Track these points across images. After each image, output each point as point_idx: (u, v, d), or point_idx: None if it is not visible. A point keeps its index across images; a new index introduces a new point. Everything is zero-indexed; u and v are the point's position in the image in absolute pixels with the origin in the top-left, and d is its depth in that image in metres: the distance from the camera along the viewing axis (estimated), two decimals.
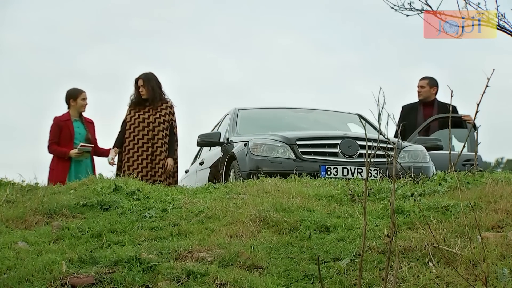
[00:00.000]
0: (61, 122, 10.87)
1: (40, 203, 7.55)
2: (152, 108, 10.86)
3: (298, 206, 7.34)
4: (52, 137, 10.83)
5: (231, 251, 6.30)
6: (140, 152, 10.70)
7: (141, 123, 10.79)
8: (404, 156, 10.24)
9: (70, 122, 10.89)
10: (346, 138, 10.20)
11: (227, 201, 7.61)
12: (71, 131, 10.82)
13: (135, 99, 10.99)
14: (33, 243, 6.67)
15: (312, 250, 6.41)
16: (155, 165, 10.70)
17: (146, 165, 10.67)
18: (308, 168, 9.84)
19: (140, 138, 10.75)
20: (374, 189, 7.95)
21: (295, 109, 12.37)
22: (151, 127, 10.77)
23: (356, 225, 6.82)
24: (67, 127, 10.84)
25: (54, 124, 10.88)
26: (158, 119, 10.82)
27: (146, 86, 10.89)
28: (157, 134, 10.77)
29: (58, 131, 10.83)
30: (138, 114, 10.86)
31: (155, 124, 10.78)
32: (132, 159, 10.68)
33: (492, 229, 6.64)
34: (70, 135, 10.80)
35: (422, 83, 11.65)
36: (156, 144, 10.73)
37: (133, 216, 7.34)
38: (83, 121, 11.00)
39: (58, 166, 10.73)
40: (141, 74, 10.97)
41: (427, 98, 11.61)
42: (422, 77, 11.74)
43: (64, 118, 10.90)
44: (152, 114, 10.84)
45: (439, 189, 7.87)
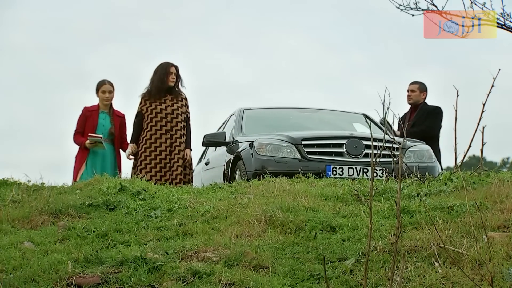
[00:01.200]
0: (88, 112, 10.87)
1: (46, 203, 7.56)
2: (169, 99, 10.72)
3: (304, 206, 7.34)
4: (77, 127, 10.85)
5: (237, 251, 6.30)
6: (158, 143, 10.59)
7: (159, 114, 10.67)
8: (410, 156, 10.23)
9: (96, 113, 10.85)
10: (351, 138, 10.20)
11: (233, 201, 7.61)
12: (94, 122, 10.79)
13: (157, 87, 10.74)
14: (39, 243, 6.68)
15: (317, 250, 6.41)
16: (175, 155, 10.56)
17: (165, 156, 10.56)
18: (314, 168, 9.84)
19: (158, 130, 10.63)
20: (379, 189, 7.94)
21: (300, 109, 12.38)
22: (170, 119, 10.66)
23: (362, 225, 6.82)
24: (92, 118, 10.81)
25: (82, 114, 10.89)
26: (176, 111, 10.70)
27: (177, 74, 10.79)
28: (175, 125, 10.66)
29: (84, 121, 10.82)
30: (155, 105, 10.72)
31: (173, 115, 10.68)
32: (150, 149, 10.57)
33: (498, 229, 6.63)
34: (93, 126, 10.77)
35: (412, 87, 11.77)
36: (175, 136, 10.63)
37: (138, 216, 7.35)
38: (111, 113, 10.93)
39: (78, 156, 10.74)
40: (172, 62, 10.80)
41: (416, 102, 11.72)
42: (412, 82, 11.86)
43: (92, 109, 10.90)
44: (169, 105, 10.71)
45: (444, 189, 7.87)
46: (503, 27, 6.55)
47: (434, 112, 11.54)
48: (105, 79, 10.94)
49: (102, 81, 10.94)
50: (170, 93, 10.76)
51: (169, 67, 10.74)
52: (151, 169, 10.51)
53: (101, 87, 10.89)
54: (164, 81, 10.70)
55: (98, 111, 10.87)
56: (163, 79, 10.70)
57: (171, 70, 10.71)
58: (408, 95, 11.74)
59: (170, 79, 10.71)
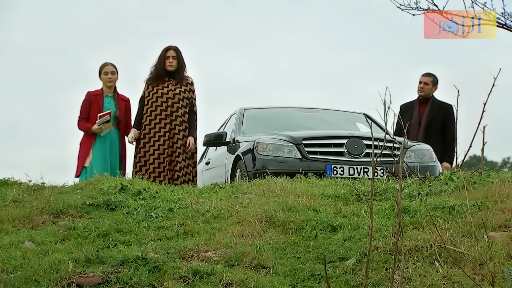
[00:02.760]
0: (92, 97, 10.51)
1: (47, 203, 7.56)
2: (173, 83, 10.45)
3: (304, 205, 7.34)
4: (81, 112, 10.50)
5: (237, 250, 6.30)
6: (157, 128, 10.32)
7: (159, 98, 10.39)
8: (411, 155, 10.23)
9: (101, 97, 10.50)
10: (352, 137, 10.19)
11: (233, 201, 7.61)
12: (100, 107, 10.43)
13: (156, 72, 10.51)
14: (39, 242, 6.68)
15: (318, 250, 6.41)
16: (173, 144, 10.29)
17: (163, 142, 10.29)
18: (314, 167, 9.84)
19: (158, 114, 10.36)
20: (380, 188, 7.94)
21: (301, 109, 12.37)
22: (170, 103, 10.37)
23: (363, 225, 6.82)
24: (97, 102, 10.45)
25: (85, 99, 10.54)
26: (177, 95, 10.41)
27: (177, 58, 10.48)
28: (175, 110, 10.37)
29: (88, 106, 10.48)
30: (156, 89, 10.42)
31: (174, 100, 10.38)
32: (149, 135, 10.32)
33: (499, 229, 6.63)
34: (98, 111, 10.40)
35: (426, 80, 11.43)
36: (175, 122, 10.35)
37: (139, 215, 7.35)
38: (115, 97, 10.58)
39: (84, 142, 10.43)
40: (171, 45, 10.52)
41: (427, 95, 11.46)
42: (425, 74, 11.50)
43: (96, 93, 10.54)
44: (171, 89, 10.42)
45: (445, 188, 7.86)
46: (503, 27, 6.56)
47: (452, 110, 11.25)
48: (107, 61, 10.62)
49: (104, 63, 10.58)
50: (173, 77, 10.47)
51: (167, 51, 10.47)
52: (150, 156, 10.25)
53: (103, 68, 10.55)
54: (161, 66, 10.45)
55: (102, 95, 10.52)
56: (160, 63, 10.47)
57: (168, 54, 10.45)
58: (421, 87, 11.43)
59: (168, 63, 10.44)
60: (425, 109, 11.39)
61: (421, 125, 11.28)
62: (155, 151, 10.24)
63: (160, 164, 10.21)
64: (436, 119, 11.29)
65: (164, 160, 10.19)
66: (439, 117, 11.30)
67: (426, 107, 11.40)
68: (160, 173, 10.17)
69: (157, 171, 10.16)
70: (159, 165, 10.19)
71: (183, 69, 10.51)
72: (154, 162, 10.22)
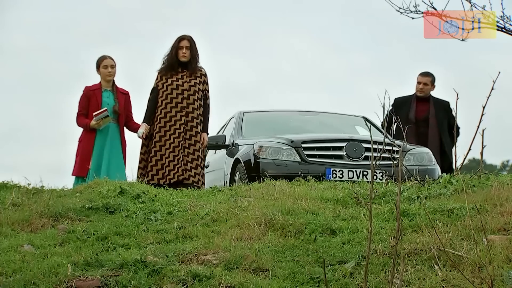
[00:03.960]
0: (90, 92, 10.21)
1: (46, 206, 7.55)
2: (187, 74, 10.10)
3: (304, 209, 7.34)
4: (80, 108, 10.21)
5: (237, 254, 6.30)
6: (173, 121, 9.99)
7: (174, 90, 10.04)
8: (410, 158, 10.24)
9: (99, 92, 10.20)
10: (351, 140, 10.20)
11: (233, 204, 7.61)
12: (98, 101, 10.15)
13: (168, 62, 10.15)
14: (38, 246, 6.67)
15: (317, 253, 6.41)
16: (191, 136, 9.98)
17: (178, 135, 9.96)
18: (314, 170, 9.84)
19: (173, 107, 10.02)
20: (379, 192, 7.94)
21: (300, 112, 12.37)
22: (186, 95, 10.01)
23: (362, 228, 6.82)
24: (95, 97, 10.16)
25: (83, 95, 10.24)
26: (193, 87, 10.06)
27: (190, 48, 10.11)
28: (192, 103, 10.03)
29: (87, 102, 10.18)
30: (171, 80, 10.07)
31: (190, 92, 10.03)
32: (164, 129, 9.99)
33: (498, 232, 6.63)
34: (97, 106, 10.12)
35: (426, 80, 11.41)
36: (192, 114, 10.02)
37: (138, 219, 7.34)
38: (114, 91, 10.27)
39: (84, 139, 10.16)
40: (185, 34, 10.14)
41: (426, 95, 11.47)
42: (423, 73, 11.47)
43: (94, 88, 10.25)
44: (186, 81, 10.07)
45: (444, 192, 7.86)
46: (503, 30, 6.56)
47: (450, 109, 11.31)
48: (105, 54, 10.35)
49: (103, 56, 10.30)
50: (187, 68, 10.13)
51: (180, 41, 10.10)
52: (166, 150, 9.94)
53: (102, 62, 10.25)
54: (174, 56, 10.08)
55: (101, 90, 10.23)
56: (173, 53, 10.09)
57: (182, 44, 10.07)
58: (421, 87, 11.40)
59: (181, 54, 10.08)
60: (426, 107, 11.39)
61: (431, 124, 11.28)
62: (170, 144, 9.93)
63: (175, 157, 9.92)
64: (443, 117, 11.32)
65: (179, 153, 9.90)
66: (444, 115, 11.33)
67: (425, 105, 11.40)
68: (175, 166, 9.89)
69: (172, 164, 9.89)
70: (174, 158, 9.91)
71: (197, 59, 10.16)
72: (169, 155, 9.92)
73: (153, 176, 9.93)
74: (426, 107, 11.41)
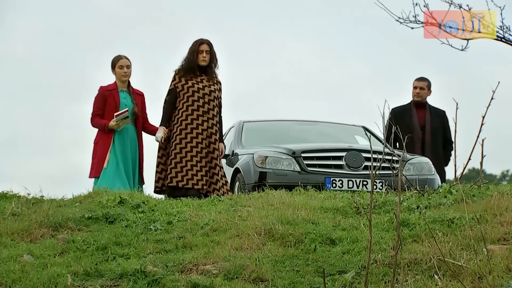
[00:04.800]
0: (106, 92, 9.90)
1: (46, 216, 7.55)
2: (206, 79, 9.83)
3: (303, 218, 7.34)
4: (96, 108, 9.89)
5: (236, 263, 6.29)
6: (195, 124, 9.73)
7: (195, 93, 9.77)
8: (409, 168, 10.24)
9: (116, 92, 9.89)
10: (351, 150, 10.21)
11: (232, 214, 7.61)
12: (116, 102, 9.83)
13: (188, 65, 9.85)
14: (38, 256, 6.67)
15: (317, 263, 6.40)
16: (210, 143, 9.72)
17: (201, 140, 9.71)
18: (313, 180, 9.85)
19: (195, 110, 9.76)
20: (379, 201, 7.94)
21: (300, 122, 12.38)
22: (207, 99, 9.75)
23: (362, 238, 6.82)
24: (112, 97, 9.86)
25: (99, 95, 9.93)
26: (213, 92, 9.80)
27: (210, 52, 9.86)
28: (212, 108, 9.77)
29: (103, 102, 9.87)
30: (191, 82, 9.81)
31: (210, 97, 9.77)
32: (186, 131, 9.72)
33: (498, 242, 6.63)
34: (115, 106, 9.81)
35: (422, 85, 11.37)
36: (211, 120, 9.75)
37: (138, 229, 7.34)
38: (130, 92, 9.97)
39: (101, 140, 9.85)
40: (203, 38, 9.87)
41: (423, 100, 11.48)
42: (420, 78, 11.44)
43: (110, 88, 9.93)
44: (206, 85, 9.79)
45: (444, 201, 7.86)
46: (502, 40, 6.57)
47: (446, 117, 11.33)
48: (121, 54, 10.00)
49: (118, 56, 9.99)
50: (205, 73, 9.89)
51: (200, 44, 9.83)
52: (187, 153, 9.69)
53: (117, 62, 9.94)
54: (193, 60, 9.82)
55: (117, 90, 9.92)
56: (193, 57, 9.83)
57: (202, 48, 9.80)
58: (417, 92, 11.36)
59: (201, 58, 9.81)
60: (424, 114, 11.39)
61: (427, 131, 11.28)
62: (193, 148, 9.67)
63: (197, 162, 9.68)
64: (439, 125, 11.33)
65: (201, 159, 9.67)
66: (440, 123, 11.35)
67: (423, 112, 11.40)
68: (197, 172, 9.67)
69: (194, 169, 9.66)
70: (197, 163, 9.67)
71: (215, 65, 9.92)
72: (192, 159, 9.68)
73: (172, 179, 9.69)
74: (424, 114, 11.42)
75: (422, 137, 11.24)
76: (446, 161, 11.31)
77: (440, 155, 11.24)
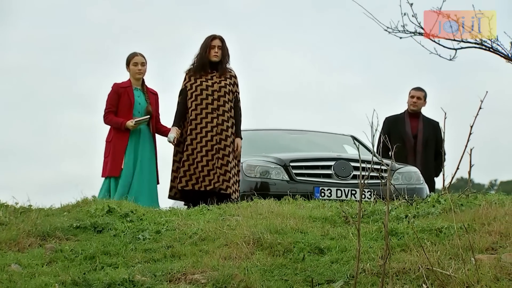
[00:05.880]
0: (121, 89, 9.73)
1: (33, 225, 7.52)
2: (216, 75, 9.68)
3: (292, 228, 7.33)
4: (109, 105, 9.70)
5: (225, 273, 6.29)
6: (204, 123, 9.56)
7: (204, 91, 9.61)
8: (398, 177, 10.26)
9: (131, 90, 9.74)
10: (339, 159, 10.22)
11: (221, 223, 7.60)
12: (131, 100, 9.67)
13: (199, 62, 9.71)
14: (26, 265, 6.64)
15: (306, 272, 6.40)
16: (220, 140, 9.56)
17: (211, 138, 9.53)
18: (302, 189, 9.85)
19: (203, 108, 9.58)
20: (368, 210, 7.95)
21: (289, 131, 12.39)
22: (216, 96, 9.59)
23: (350, 247, 6.82)
24: (127, 95, 9.69)
25: (113, 91, 9.76)
26: (223, 88, 9.64)
27: (222, 48, 9.70)
28: (222, 105, 9.59)
29: (117, 99, 9.70)
30: (200, 80, 9.64)
31: (220, 93, 9.61)
32: (196, 131, 9.56)
33: (486, 251, 6.64)
34: (129, 104, 9.65)
35: (419, 95, 11.46)
36: (222, 117, 9.59)
37: (126, 238, 7.32)
38: (145, 91, 9.83)
39: (115, 139, 9.67)
40: (216, 34, 9.72)
41: (418, 110, 11.53)
42: (416, 88, 11.52)
43: (124, 85, 9.77)
44: (216, 82, 9.65)
45: (432, 211, 7.88)
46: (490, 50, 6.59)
47: (440, 128, 11.34)
48: (136, 51, 9.84)
49: (134, 53, 9.81)
50: (216, 69, 9.71)
51: (212, 39, 9.69)
52: (193, 151, 9.53)
53: (132, 58, 9.78)
54: (204, 56, 9.66)
55: (132, 88, 9.75)
56: (204, 53, 9.66)
57: (214, 43, 9.65)
58: (414, 101, 11.43)
59: (213, 54, 9.64)
60: (416, 123, 11.44)
61: (418, 140, 11.32)
62: (203, 147, 9.53)
63: (208, 162, 9.53)
64: (431, 135, 11.37)
65: (213, 157, 9.51)
66: (432, 134, 11.39)
67: (417, 121, 11.45)
68: (209, 171, 9.52)
69: (206, 169, 9.52)
70: (208, 163, 9.52)
71: (227, 60, 9.74)
72: (202, 159, 9.54)
73: (187, 181, 9.55)
74: (416, 123, 11.47)
75: (414, 146, 11.29)
76: (437, 172, 11.36)
77: (431, 164, 11.29)
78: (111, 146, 9.70)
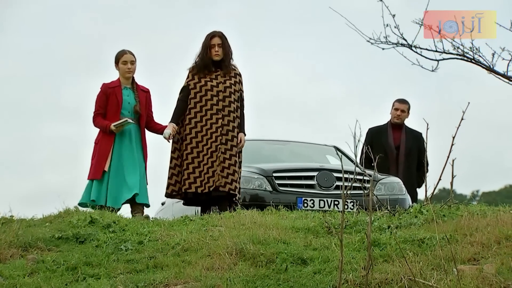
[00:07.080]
0: (109, 89, 9.47)
1: (15, 236, 7.49)
2: (221, 74, 9.44)
3: (275, 238, 7.33)
4: (97, 107, 9.47)
5: (208, 284, 6.28)
6: (209, 125, 9.35)
7: (209, 91, 9.37)
8: (381, 188, 10.28)
9: (119, 89, 9.49)
10: (322, 170, 10.23)
11: (204, 234, 7.59)
12: (118, 100, 9.43)
13: (201, 62, 9.44)
14: (7, 276, 6.61)
15: (288, 283, 6.40)
16: (227, 141, 9.36)
17: (215, 139, 9.33)
18: (285, 200, 9.85)
19: (208, 109, 9.35)
20: (350, 221, 7.96)
21: (272, 141, 12.39)
22: (221, 97, 9.34)
23: (333, 258, 6.82)
24: (115, 95, 9.44)
25: (101, 92, 9.50)
26: (228, 88, 9.40)
27: (223, 45, 9.41)
28: (228, 105, 9.36)
29: (105, 100, 9.45)
30: (204, 80, 9.39)
31: (226, 93, 9.36)
32: (196, 130, 9.38)
33: (468, 262, 6.66)
34: (117, 104, 9.42)
35: (403, 107, 11.47)
36: (228, 117, 9.36)
37: (109, 248, 7.30)
38: (135, 89, 9.56)
39: (101, 141, 9.46)
40: (216, 31, 9.47)
41: (401, 122, 11.56)
42: (400, 100, 11.52)
43: (113, 85, 9.52)
44: (221, 82, 9.39)
45: (415, 221, 7.89)
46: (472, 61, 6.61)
47: (423, 139, 11.36)
48: (125, 49, 9.59)
49: (122, 51, 9.58)
50: (220, 67, 9.47)
51: (211, 38, 9.42)
52: (199, 153, 9.36)
53: (121, 57, 9.54)
54: (205, 56, 9.40)
55: (121, 87, 9.50)
56: (205, 53, 9.40)
57: (213, 42, 9.39)
58: (398, 114, 11.44)
59: (214, 53, 9.39)
60: (398, 135, 11.47)
61: (401, 151, 11.35)
62: (208, 149, 9.34)
63: (213, 163, 9.34)
64: (413, 146, 11.41)
65: (216, 158, 9.32)
66: (415, 145, 11.42)
67: (400, 133, 11.48)
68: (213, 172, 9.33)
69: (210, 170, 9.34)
70: (212, 164, 9.33)
71: (230, 57, 9.48)
72: (207, 161, 9.37)
73: (191, 184, 9.38)
74: (400, 135, 11.50)
75: (396, 157, 11.32)
76: (419, 183, 11.38)
77: (413, 175, 11.33)
78: (97, 148, 9.55)
